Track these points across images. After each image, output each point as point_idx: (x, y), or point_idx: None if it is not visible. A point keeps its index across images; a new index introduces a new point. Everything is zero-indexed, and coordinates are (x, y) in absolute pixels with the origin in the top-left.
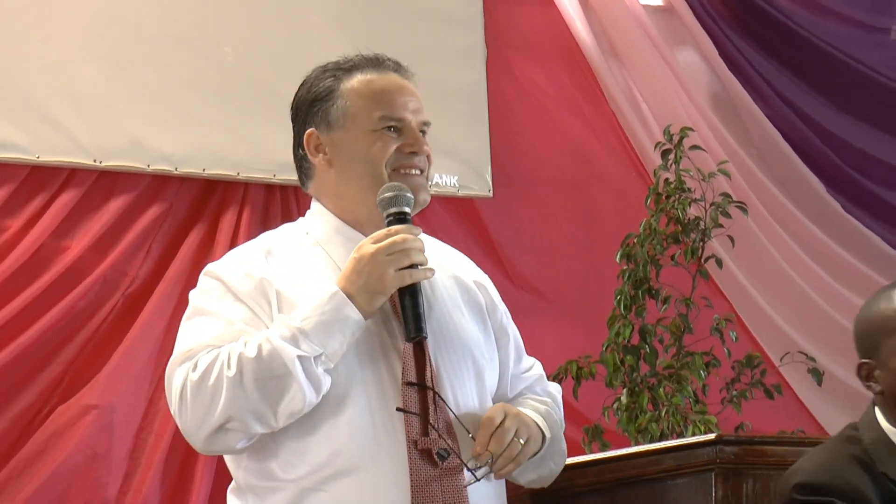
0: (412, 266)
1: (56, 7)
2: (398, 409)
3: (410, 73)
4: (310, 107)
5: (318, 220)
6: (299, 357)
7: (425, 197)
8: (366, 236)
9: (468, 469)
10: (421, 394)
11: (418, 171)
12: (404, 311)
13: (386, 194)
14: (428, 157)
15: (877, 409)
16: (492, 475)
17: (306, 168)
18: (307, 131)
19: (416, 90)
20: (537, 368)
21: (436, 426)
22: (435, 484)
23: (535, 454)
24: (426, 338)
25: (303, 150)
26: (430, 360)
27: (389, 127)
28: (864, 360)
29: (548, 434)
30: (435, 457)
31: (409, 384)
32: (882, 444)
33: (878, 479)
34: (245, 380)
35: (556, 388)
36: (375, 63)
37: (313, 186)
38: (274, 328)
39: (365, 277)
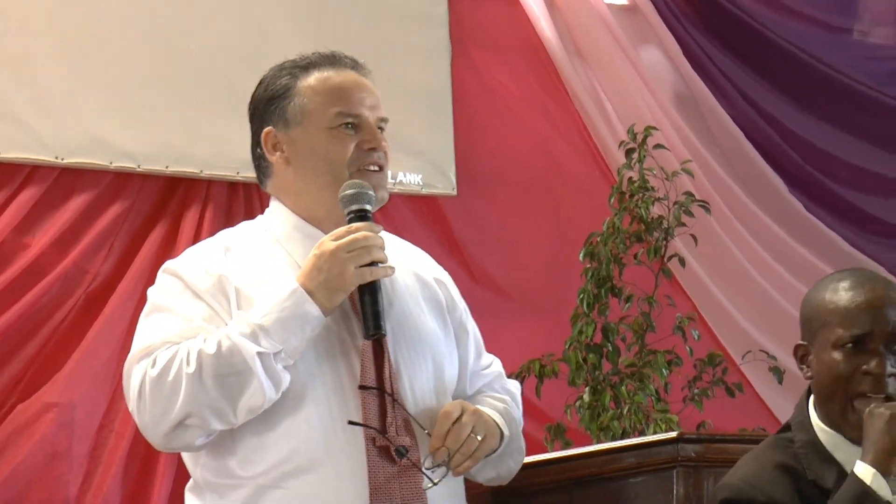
0: (372, 263)
1: (16, 1)
2: (350, 423)
3: (368, 70)
4: (267, 105)
5: (276, 217)
6: (259, 353)
7: (384, 195)
8: (325, 233)
9: (425, 474)
10: (379, 391)
11: (377, 168)
12: (363, 308)
13: (347, 191)
14: (385, 153)
15: (811, 403)
16: (450, 473)
17: (264, 167)
18: (265, 130)
19: (373, 87)
20: (496, 366)
21: (394, 424)
22: (393, 481)
23: (493, 452)
24: (385, 335)
25: (261, 148)
26: (388, 357)
27: (347, 124)
28: (801, 343)
29: (506, 432)
30: (393, 454)
31: (364, 387)
32: (812, 448)
33: (807, 489)
34: (204, 376)
35: (514, 386)
36: (332, 61)
37: (272, 185)
38: (233, 324)
39: (325, 274)
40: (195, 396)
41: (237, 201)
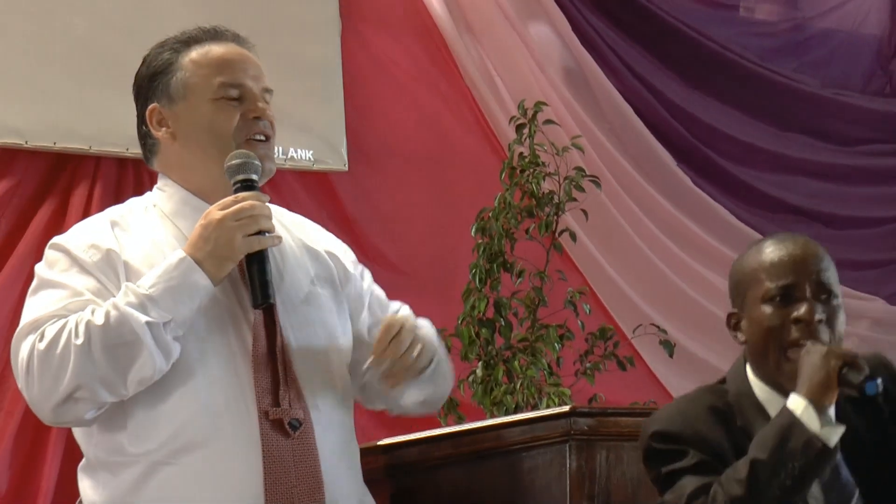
0: (260, 233)
1: None
2: None
3: (251, 43)
4: (150, 82)
5: (165, 193)
6: (148, 323)
7: (271, 166)
8: (210, 204)
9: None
10: (271, 364)
11: (264, 138)
12: (251, 277)
13: (233, 161)
14: (272, 123)
15: (747, 366)
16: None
17: (151, 144)
18: (149, 107)
19: (256, 59)
20: (405, 309)
21: (287, 396)
22: (287, 454)
23: (425, 369)
24: (273, 304)
25: (146, 126)
26: (280, 329)
27: (231, 96)
28: (731, 311)
29: (439, 350)
30: (287, 427)
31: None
32: (745, 397)
33: (735, 433)
34: (93, 347)
35: (429, 323)
36: (214, 34)
37: (158, 162)
38: (121, 295)
39: (213, 244)
40: (84, 368)
41: (126, 178)
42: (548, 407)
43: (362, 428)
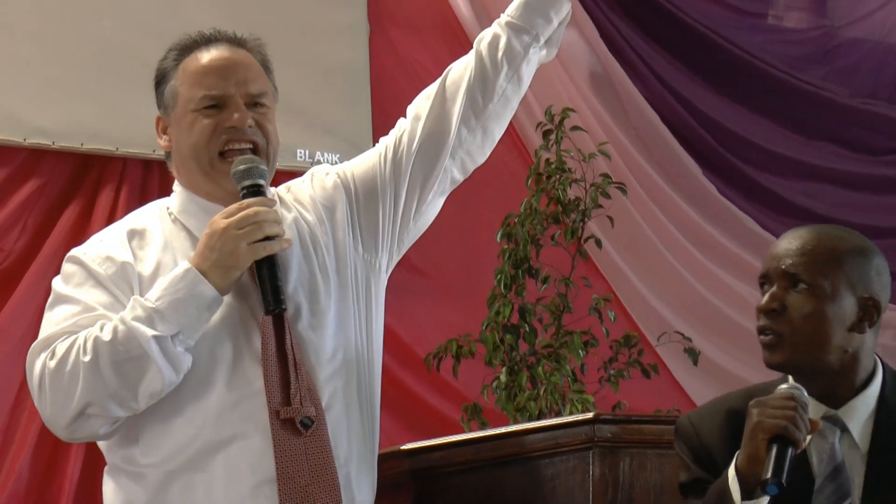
0: (266, 238)
1: None
2: None
3: (256, 43)
4: (156, 90)
5: (175, 193)
6: (155, 337)
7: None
8: (216, 204)
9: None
10: (281, 364)
11: (247, 145)
12: (262, 283)
13: (239, 167)
14: (262, 126)
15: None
16: None
17: (164, 149)
18: (157, 115)
19: (251, 60)
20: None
21: (298, 394)
22: (300, 452)
23: None
24: (286, 310)
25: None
26: (289, 328)
27: (209, 106)
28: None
29: None
30: (299, 425)
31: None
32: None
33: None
34: (101, 364)
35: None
36: (209, 40)
37: (171, 166)
38: (128, 309)
39: (217, 253)
40: (94, 385)
41: (152, 179)
42: (571, 413)
43: (386, 433)
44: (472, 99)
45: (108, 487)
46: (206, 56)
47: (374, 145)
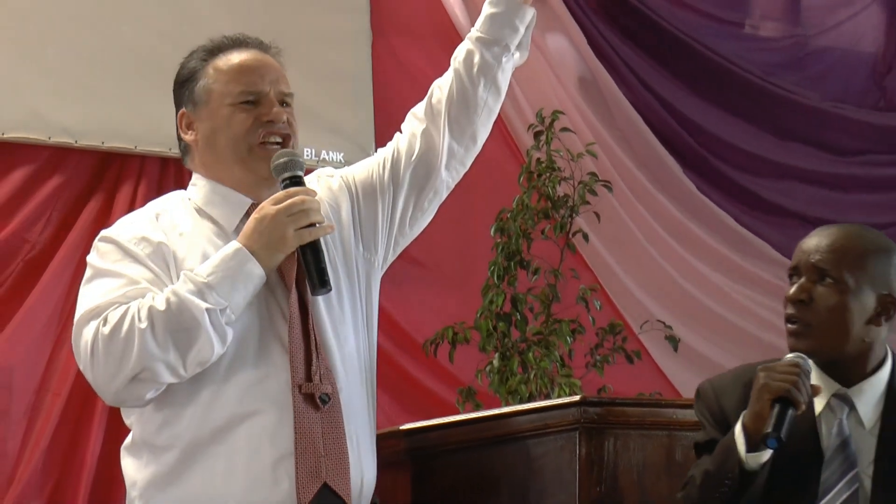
0: (310, 225)
1: None
2: None
3: (276, 49)
4: (180, 88)
5: (196, 187)
6: (207, 310)
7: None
8: (241, 194)
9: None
10: (305, 343)
11: (279, 139)
12: (307, 266)
13: (280, 160)
14: (290, 123)
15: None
16: None
17: (184, 146)
18: (179, 112)
19: (277, 64)
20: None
21: (318, 372)
22: (317, 426)
23: None
24: (331, 290)
25: (178, 129)
26: (311, 313)
27: (247, 101)
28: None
29: None
30: (318, 401)
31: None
32: None
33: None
34: (157, 331)
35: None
36: (238, 43)
37: (190, 161)
38: (180, 283)
39: (267, 236)
40: (148, 351)
41: (168, 176)
42: (559, 396)
43: (386, 413)
44: (457, 115)
45: (130, 462)
46: (238, 56)
47: (375, 144)
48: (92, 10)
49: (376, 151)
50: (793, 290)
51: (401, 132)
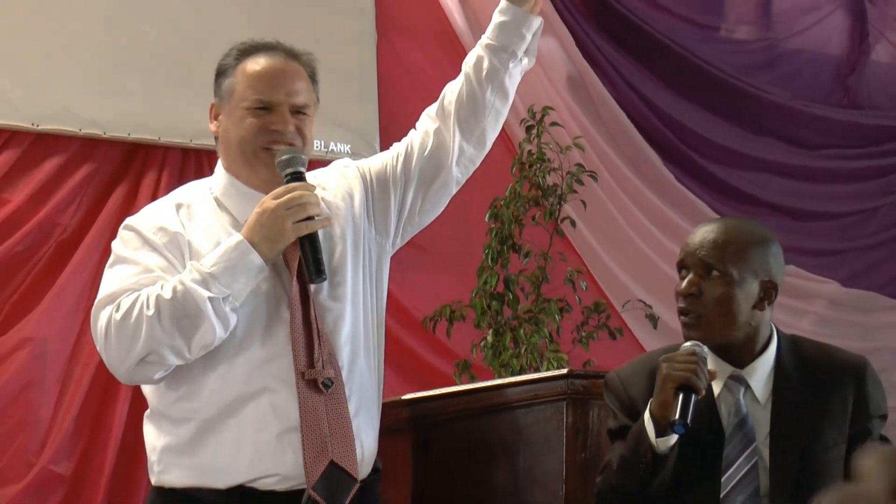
0: (308, 218)
1: None
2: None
3: (306, 58)
4: (216, 80)
5: (217, 175)
6: (210, 298)
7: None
8: (252, 188)
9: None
10: (306, 331)
11: (283, 147)
12: (305, 256)
13: (283, 157)
14: (301, 132)
15: None
16: None
17: (212, 133)
18: (212, 101)
19: (300, 74)
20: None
21: (321, 358)
22: (321, 408)
23: None
24: (326, 279)
25: (210, 116)
26: (313, 301)
27: (260, 107)
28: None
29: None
30: (320, 386)
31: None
32: None
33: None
34: (163, 318)
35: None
36: (269, 48)
37: (217, 149)
38: (186, 273)
39: (267, 229)
40: (155, 336)
41: (189, 166)
42: (548, 370)
43: (388, 385)
44: (466, 116)
45: (150, 430)
46: (263, 62)
47: (379, 136)
48: (119, 12)
49: (380, 143)
50: (683, 284)
51: (415, 129)
